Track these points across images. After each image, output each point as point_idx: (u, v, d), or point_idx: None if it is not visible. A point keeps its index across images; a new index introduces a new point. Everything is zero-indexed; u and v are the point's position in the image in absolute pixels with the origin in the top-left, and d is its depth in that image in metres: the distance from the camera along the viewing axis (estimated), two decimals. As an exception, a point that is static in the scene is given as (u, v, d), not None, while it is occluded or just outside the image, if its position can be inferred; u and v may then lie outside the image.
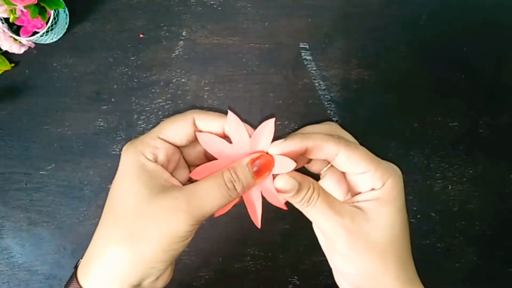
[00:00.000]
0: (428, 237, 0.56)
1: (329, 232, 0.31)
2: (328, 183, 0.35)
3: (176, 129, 0.33)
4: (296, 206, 0.32)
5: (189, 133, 0.33)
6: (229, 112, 0.32)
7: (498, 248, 0.57)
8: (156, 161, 0.32)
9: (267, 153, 0.32)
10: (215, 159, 0.34)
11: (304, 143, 0.31)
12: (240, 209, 0.56)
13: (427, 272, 0.57)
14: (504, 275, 0.57)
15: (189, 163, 0.36)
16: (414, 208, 0.56)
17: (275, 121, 0.32)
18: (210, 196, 0.30)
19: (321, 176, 0.36)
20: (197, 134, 0.33)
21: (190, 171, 0.36)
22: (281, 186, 0.31)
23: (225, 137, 0.33)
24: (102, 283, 0.30)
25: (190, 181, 0.35)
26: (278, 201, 0.33)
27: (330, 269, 0.59)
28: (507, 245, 0.57)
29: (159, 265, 0.30)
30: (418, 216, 0.56)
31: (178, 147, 0.34)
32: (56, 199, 0.56)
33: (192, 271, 0.56)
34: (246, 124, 0.33)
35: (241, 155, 0.32)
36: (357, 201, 0.32)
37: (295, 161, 0.31)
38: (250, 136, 0.32)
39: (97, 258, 0.30)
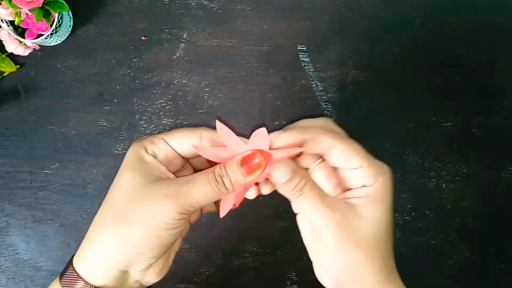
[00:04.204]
0: (422, 234, 0.58)
1: (319, 224, 0.31)
2: (316, 178, 0.35)
3: (181, 140, 0.34)
4: (287, 195, 0.32)
5: (192, 148, 0.34)
6: (217, 122, 0.32)
7: (490, 244, 0.58)
8: (155, 157, 0.33)
9: (263, 151, 0.32)
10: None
11: (301, 135, 0.32)
12: (239, 208, 0.58)
13: (421, 268, 0.58)
14: (496, 271, 0.58)
15: (195, 167, 0.37)
16: (409, 206, 0.58)
17: (267, 129, 0.32)
18: (199, 187, 0.31)
19: (310, 171, 0.36)
20: (194, 146, 0.33)
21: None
22: (275, 173, 0.31)
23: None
24: (93, 267, 0.31)
25: None
26: (239, 198, 0.33)
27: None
28: (499, 242, 0.58)
29: (146, 252, 0.31)
30: (413, 213, 0.58)
31: (181, 155, 0.35)
32: (60, 197, 0.57)
33: (193, 267, 0.57)
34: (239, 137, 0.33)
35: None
36: (348, 197, 0.33)
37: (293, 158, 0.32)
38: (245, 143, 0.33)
39: (89, 243, 0.32)
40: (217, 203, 0.36)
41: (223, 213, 0.34)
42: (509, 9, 0.59)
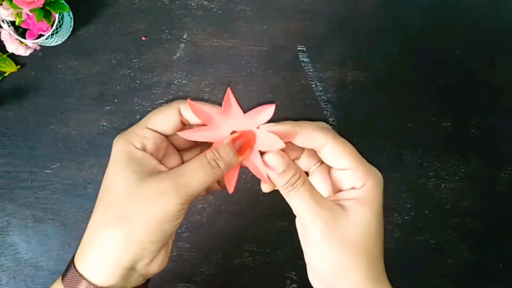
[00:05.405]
0: (422, 234, 0.58)
1: (307, 221, 0.32)
2: (314, 180, 0.36)
3: (163, 119, 0.34)
4: (281, 190, 0.33)
5: (175, 123, 0.34)
6: (189, 101, 0.33)
7: (489, 244, 0.58)
8: (144, 149, 0.33)
9: (249, 131, 0.33)
10: (203, 143, 0.35)
11: (294, 128, 0.33)
12: (239, 208, 0.58)
13: (420, 267, 0.58)
14: (495, 270, 0.58)
15: (178, 147, 0.37)
16: (408, 206, 0.58)
17: (275, 107, 0.33)
18: (195, 175, 0.32)
19: (309, 174, 0.37)
20: (179, 134, 0.34)
21: (181, 157, 0.37)
22: (269, 161, 0.32)
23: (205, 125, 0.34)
24: (97, 267, 0.31)
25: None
26: (261, 174, 0.34)
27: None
28: (497, 242, 0.58)
29: (150, 246, 0.31)
30: (412, 213, 0.58)
31: (166, 135, 0.35)
32: (61, 197, 0.58)
33: (193, 266, 0.57)
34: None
35: (229, 127, 0.34)
36: (338, 199, 0.33)
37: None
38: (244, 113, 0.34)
39: (91, 243, 0.32)
40: (221, 183, 0.37)
41: (231, 188, 0.35)
42: (509, 9, 0.59)
